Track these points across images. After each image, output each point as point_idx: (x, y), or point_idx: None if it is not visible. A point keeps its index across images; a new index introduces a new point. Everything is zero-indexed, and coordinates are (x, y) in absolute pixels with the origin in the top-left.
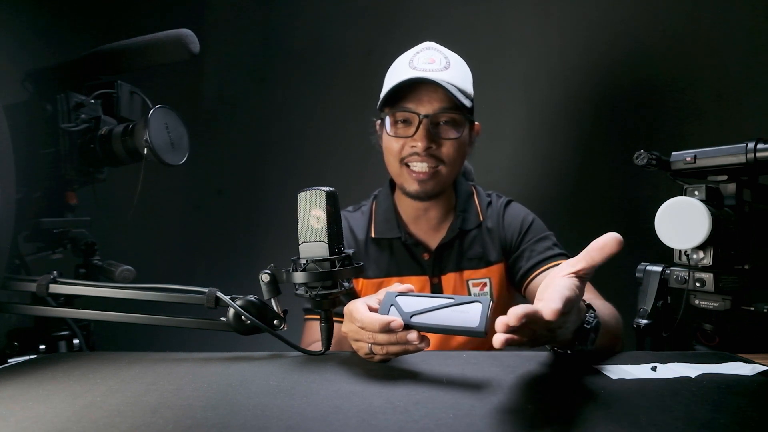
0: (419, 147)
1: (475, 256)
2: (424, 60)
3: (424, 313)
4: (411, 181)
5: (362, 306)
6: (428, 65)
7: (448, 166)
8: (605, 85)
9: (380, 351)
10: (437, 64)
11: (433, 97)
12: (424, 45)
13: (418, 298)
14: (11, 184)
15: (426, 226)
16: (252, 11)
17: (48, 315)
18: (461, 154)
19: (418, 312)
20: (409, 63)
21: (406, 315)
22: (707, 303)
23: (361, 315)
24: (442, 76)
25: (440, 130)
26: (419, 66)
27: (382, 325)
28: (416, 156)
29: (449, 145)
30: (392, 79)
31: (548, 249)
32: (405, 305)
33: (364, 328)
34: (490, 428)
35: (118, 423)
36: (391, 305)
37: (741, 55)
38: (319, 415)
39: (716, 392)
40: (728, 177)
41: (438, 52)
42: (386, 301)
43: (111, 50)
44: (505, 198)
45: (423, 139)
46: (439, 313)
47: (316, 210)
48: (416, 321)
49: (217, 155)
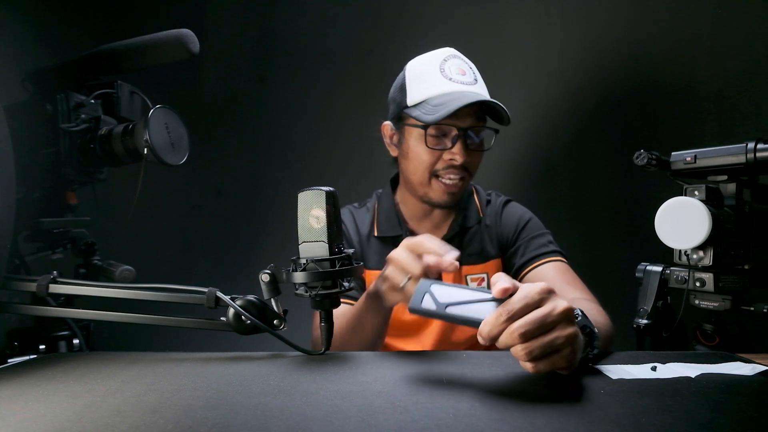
0: (458, 160)
1: (473, 252)
2: (456, 70)
3: (460, 305)
4: (440, 193)
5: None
6: (461, 77)
7: (472, 175)
8: (605, 85)
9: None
10: (468, 77)
11: (470, 110)
12: (449, 52)
13: (453, 288)
14: (11, 184)
15: (429, 224)
16: (252, 11)
17: (48, 315)
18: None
19: (453, 303)
20: (440, 72)
21: (441, 305)
22: (707, 303)
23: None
24: (478, 90)
25: (475, 142)
26: (455, 78)
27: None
28: (452, 169)
29: (477, 156)
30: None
31: (543, 246)
32: (440, 295)
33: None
34: (490, 428)
35: (118, 423)
36: (426, 293)
37: (741, 55)
38: (319, 415)
39: (716, 392)
40: (728, 177)
41: (464, 62)
42: (421, 288)
43: (111, 50)
44: (505, 197)
45: (461, 153)
46: (475, 306)
47: (316, 210)
48: (451, 312)
49: (217, 155)
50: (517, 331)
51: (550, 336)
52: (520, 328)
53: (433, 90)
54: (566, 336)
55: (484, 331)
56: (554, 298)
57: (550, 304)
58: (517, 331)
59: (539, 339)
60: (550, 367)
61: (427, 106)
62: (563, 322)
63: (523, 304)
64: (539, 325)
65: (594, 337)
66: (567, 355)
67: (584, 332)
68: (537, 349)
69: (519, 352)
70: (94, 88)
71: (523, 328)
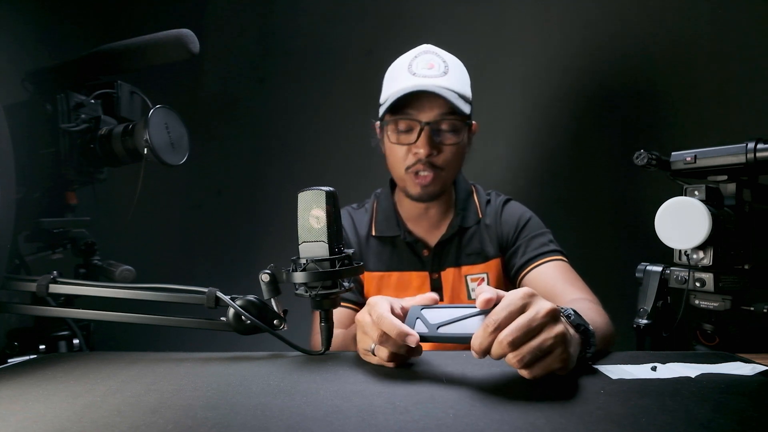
0: (421, 154)
1: (473, 252)
2: (423, 65)
3: (450, 324)
4: (414, 186)
5: (386, 305)
6: (428, 71)
7: (447, 171)
8: (605, 85)
9: (385, 354)
10: (436, 70)
11: (434, 103)
12: (422, 48)
13: (443, 309)
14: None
15: (426, 224)
16: (252, 11)
17: (48, 315)
18: (460, 157)
19: (444, 323)
20: (408, 68)
21: (433, 327)
22: (707, 303)
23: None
24: (441, 82)
25: (441, 136)
26: (419, 72)
27: (400, 333)
28: (419, 164)
29: (449, 151)
30: (392, 85)
31: (543, 245)
32: (430, 317)
33: (380, 326)
34: (490, 428)
35: (118, 423)
36: (417, 318)
37: (741, 55)
38: (319, 415)
39: (716, 392)
40: (728, 177)
41: (436, 56)
42: (411, 315)
43: (111, 50)
44: (504, 197)
45: (425, 146)
46: (465, 322)
47: (316, 210)
48: (443, 332)
49: (217, 155)
50: (505, 340)
51: (538, 339)
52: (507, 337)
53: (397, 86)
54: (554, 336)
55: (475, 345)
56: (537, 301)
57: (533, 307)
58: (504, 341)
59: (528, 344)
60: (545, 370)
61: (388, 102)
62: (549, 323)
63: (507, 312)
64: (525, 330)
65: (589, 335)
66: (560, 356)
67: (578, 330)
68: (528, 355)
69: (511, 361)
70: (94, 88)
71: (510, 336)
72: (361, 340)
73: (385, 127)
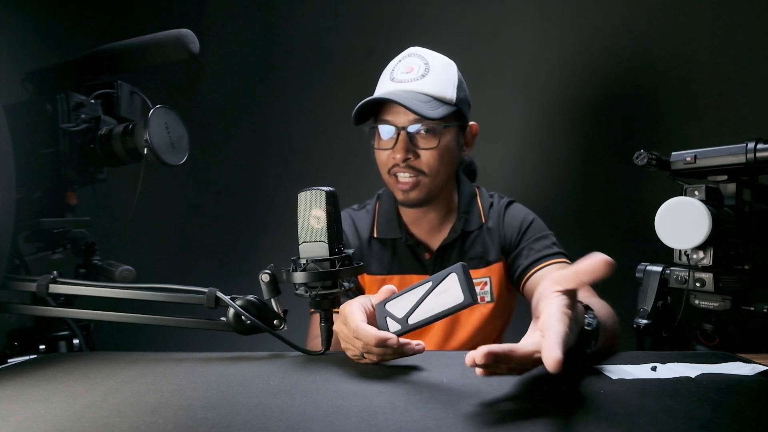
0: (397, 159)
1: (475, 256)
2: (404, 69)
3: (415, 311)
4: (397, 190)
5: (359, 313)
6: (405, 75)
7: (430, 176)
8: (605, 85)
9: (374, 359)
10: (414, 73)
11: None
12: (407, 52)
13: (402, 297)
14: (11, 184)
15: (427, 228)
16: (252, 11)
17: (48, 315)
18: (445, 161)
19: (409, 312)
20: (390, 73)
21: (403, 320)
22: (707, 303)
23: (358, 326)
24: (415, 87)
25: (418, 140)
26: (397, 77)
27: (379, 341)
28: (397, 167)
29: (428, 155)
30: (378, 91)
31: (547, 248)
32: (396, 311)
33: (358, 338)
34: (490, 428)
35: (118, 423)
36: (386, 317)
37: (741, 55)
38: (319, 415)
39: (716, 392)
40: (728, 177)
41: (419, 59)
42: (380, 315)
43: (111, 50)
44: (507, 199)
45: (401, 151)
46: (426, 303)
47: (316, 210)
48: (413, 321)
49: (217, 155)
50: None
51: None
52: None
53: (378, 92)
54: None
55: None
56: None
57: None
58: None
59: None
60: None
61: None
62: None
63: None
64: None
65: (591, 336)
66: None
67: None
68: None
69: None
70: (94, 88)
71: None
72: (346, 348)
73: (371, 133)
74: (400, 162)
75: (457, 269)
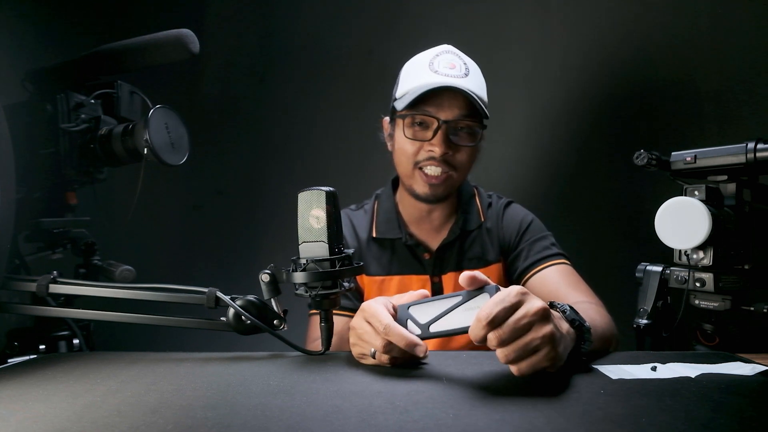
0: (436, 152)
1: (474, 256)
2: (445, 64)
3: (439, 320)
4: (422, 184)
5: (385, 311)
6: (450, 70)
7: (460, 172)
8: (605, 85)
9: (386, 361)
10: (458, 70)
11: (454, 103)
12: (443, 48)
13: (429, 303)
14: (11, 184)
15: (428, 227)
16: (252, 11)
17: (48, 315)
18: (473, 161)
19: (433, 320)
20: (429, 65)
21: (425, 327)
22: (707, 303)
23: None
24: (463, 83)
25: (458, 136)
26: (441, 70)
27: (409, 344)
28: (432, 161)
29: (464, 152)
30: (413, 81)
31: (546, 249)
32: (420, 316)
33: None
34: (490, 428)
35: (118, 423)
36: (407, 319)
37: (741, 55)
38: (319, 415)
39: (716, 392)
40: (728, 177)
41: (458, 58)
42: (401, 316)
43: (111, 50)
44: (506, 199)
45: (441, 145)
46: (452, 315)
47: (316, 210)
48: (435, 330)
49: (217, 155)
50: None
51: (525, 339)
52: (495, 334)
53: (417, 81)
54: (542, 336)
55: (472, 336)
56: (529, 299)
57: (524, 306)
58: (493, 338)
59: (515, 342)
60: (532, 368)
61: (407, 96)
62: (538, 322)
63: (500, 308)
64: (512, 329)
65: (584, 331)
66: (547, 354)
67: (573, 326)
68: (513, 353)
69: (499, 356)
70: (94, 88)
71: (496, 334)
72: (357, 345)
73: (400, 122)
74: (438, 156)
75: (491, 290)
